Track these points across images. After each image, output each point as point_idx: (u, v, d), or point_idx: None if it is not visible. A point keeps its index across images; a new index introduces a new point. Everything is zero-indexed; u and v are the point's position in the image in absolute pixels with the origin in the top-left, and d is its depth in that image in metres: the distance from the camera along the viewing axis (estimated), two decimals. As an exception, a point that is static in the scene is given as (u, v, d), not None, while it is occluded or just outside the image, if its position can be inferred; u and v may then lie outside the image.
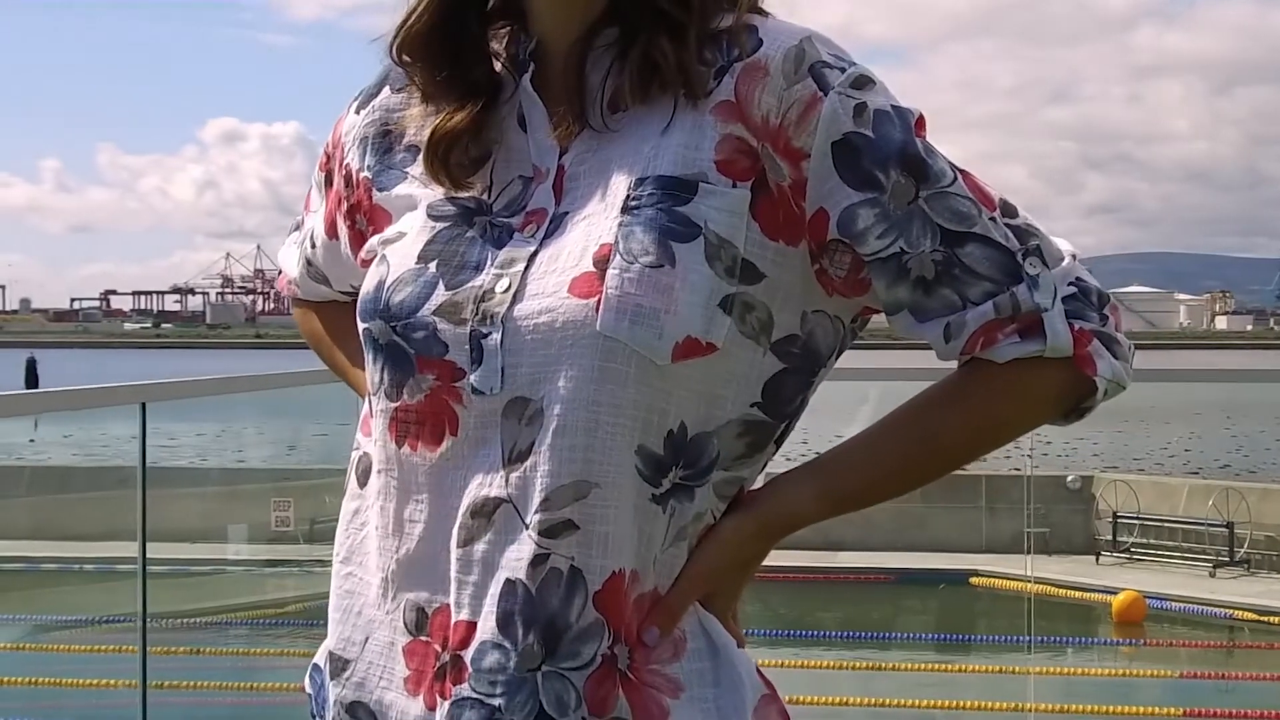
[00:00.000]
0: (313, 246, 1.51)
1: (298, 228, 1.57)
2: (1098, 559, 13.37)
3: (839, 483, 1.27)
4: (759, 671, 1.25)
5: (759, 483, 1.29)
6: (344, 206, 1.41)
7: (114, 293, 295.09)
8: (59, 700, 7.89)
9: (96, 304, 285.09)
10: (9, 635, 8.90)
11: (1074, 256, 1.25)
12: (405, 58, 1.33)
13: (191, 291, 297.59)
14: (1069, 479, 13.69)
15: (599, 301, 1.15)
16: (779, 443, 1.27)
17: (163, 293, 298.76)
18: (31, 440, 11.27)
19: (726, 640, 1.23)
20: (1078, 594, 12.30)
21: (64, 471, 11.79)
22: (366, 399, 1.32)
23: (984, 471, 12.77)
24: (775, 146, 1.20)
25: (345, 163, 1.41)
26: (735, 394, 1.21)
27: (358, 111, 1.41)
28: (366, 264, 1.34)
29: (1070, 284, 1.24)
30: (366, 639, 1.27)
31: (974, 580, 12.68)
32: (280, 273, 1.62)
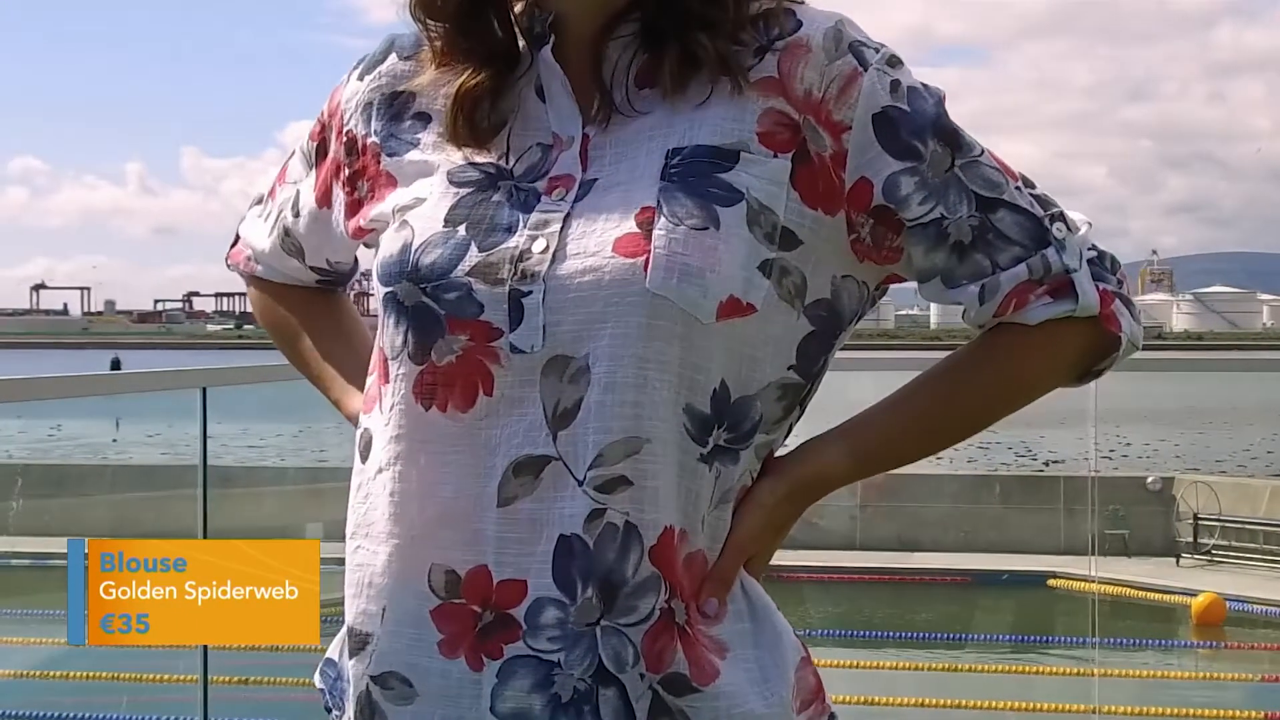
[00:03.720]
0: (295, 216, 1.49)
1: (260, 200, 1.55)
2: (1178, 561, 13.19)
3: (865, 444, 1.31)
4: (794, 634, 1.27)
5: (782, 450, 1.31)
6: (344, 174, 1.40)
7: (197, 294, 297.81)
8: (122, 695, 7.97)
9: (180, 305, 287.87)
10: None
11: (1089, 225, 1.29)
12: (423, 18, 1.32)
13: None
14: (1149, 480, 13.52)
15: (647, 260, 1.17)
16: (803, 406, 1.29)
17: (244, 294, 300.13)
18: (114, 440, 11.46)
19: (766, 601, 1.25)
20: (1156, 596, 12.16)
21: (145, 470, 11.92)
22: (375, 371, 1.30)
23: (1062, 473, 12.65)
24: (817, 119, 1.24)
25: (346, 129, 1.39)
26: (772, 356, 1.23)
27: (360, 78, 1.39)
28: (362, 232, 1.35)
29: (1089, 249, 1.29)
30: (383, 609, 1.25)
31: (1051, 582, 12.56)
32: (236, 244, 1.59)
